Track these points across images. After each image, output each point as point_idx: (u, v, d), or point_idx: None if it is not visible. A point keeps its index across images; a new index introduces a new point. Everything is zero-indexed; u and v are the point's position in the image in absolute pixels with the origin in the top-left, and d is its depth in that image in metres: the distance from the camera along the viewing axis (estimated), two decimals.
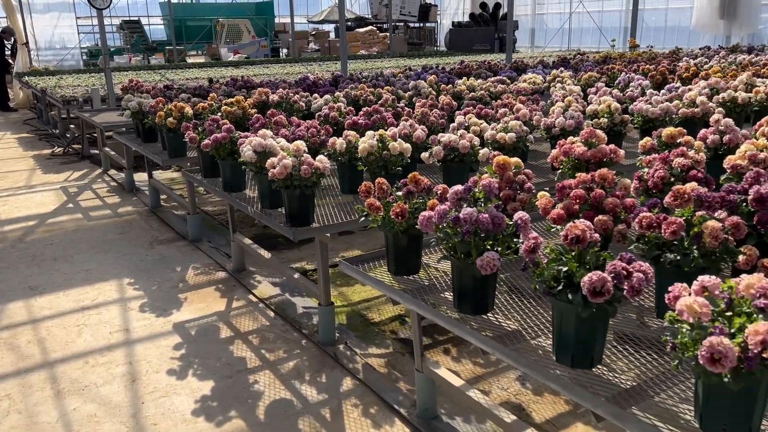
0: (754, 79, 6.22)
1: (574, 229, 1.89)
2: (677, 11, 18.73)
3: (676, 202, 2.15)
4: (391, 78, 8.57)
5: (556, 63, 10.92)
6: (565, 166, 3.17)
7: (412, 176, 2.68)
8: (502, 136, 4.15)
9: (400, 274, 2.73)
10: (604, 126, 4.68)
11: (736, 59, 9.27)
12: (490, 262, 2.11)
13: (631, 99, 5.85)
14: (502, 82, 7.37)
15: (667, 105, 4.89)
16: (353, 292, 4.52)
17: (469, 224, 2.18)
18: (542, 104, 5.63)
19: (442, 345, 3.72)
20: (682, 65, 8.60)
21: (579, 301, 1.82)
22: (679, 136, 3.37)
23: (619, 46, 17.62)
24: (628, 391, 1.80)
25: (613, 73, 8.07)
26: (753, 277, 1.51)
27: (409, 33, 28.26)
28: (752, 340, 1.40)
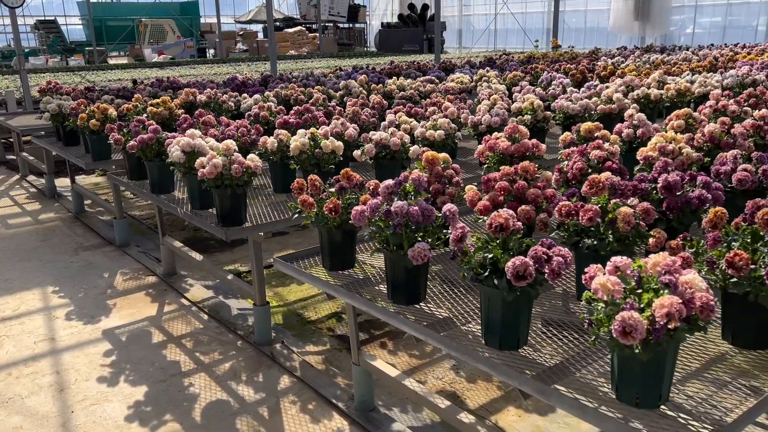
0: (666, 77, 6.61)
1: (498, 218, 1.98)
2: (596, 13, 19.56)
3: (592, 191, 2.29)
4: (322, 78, 8.58)
5: (483, 63, 11.21)
6: (491, 160, 3.28)
7: (345, 172, 2.73)
8: (431, 133, 4.25)
9: (335, 270, 2.77)
10: (528, 122, 4.86)
11: (650, 58, 9.79)
12: (420, 252, 2.18)
13: (553, 97, 6.08)
14: (431, 81, 7.52)
15: (586, 102, 5.14)
16: (289, 292, 4.52)
17: (400, 217, 2.24)
18: (469, 103, 5.78)
19: (378, 339, 3.78)
20: (600, 64, 9.01)
21: (504, 285, 1.92)
22: (596, 130, 3.56)
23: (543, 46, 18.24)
24: (551, 368, 1.91)
25: (537, 72, 8.37)
26: (659, 256, 1.64)
27: (339, 33, 28.28)
28: (658, 312, 1.52)
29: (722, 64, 8.43)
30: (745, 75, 6.75)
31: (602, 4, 19.27)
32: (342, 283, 2.65)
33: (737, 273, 1.80)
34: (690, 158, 3.14)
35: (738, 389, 1.77)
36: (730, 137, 3.48)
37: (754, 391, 1.75)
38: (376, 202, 2.32)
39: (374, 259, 2.92)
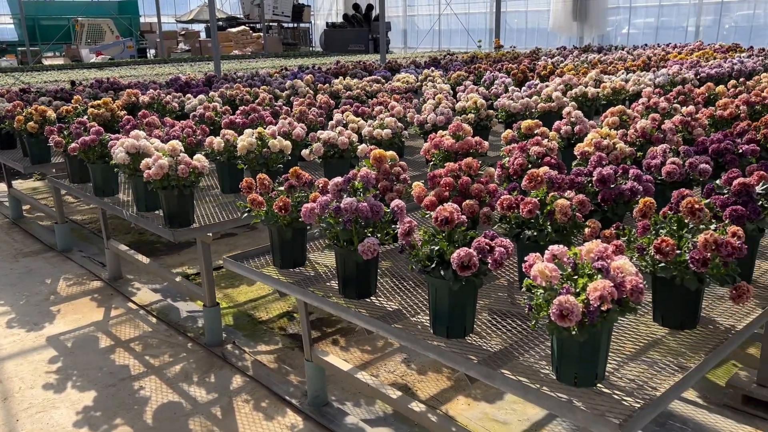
0: (602, 75, 6.88)
1: (443, 212, 2.07)
2: (536, 14, 20.06)
3: (531, 185, 2.40)
4: (268, 78, 8.54)
5: (428, 63, 11.37)
6: (437, 157, 3.38)
7: (294, 171, 2.76)
8: (378, 132, 4.32)
9: (286, 267, 2.80)
10: (472, 121, 4.99)
11: (588, 58, 10.15)
12: (370, 247, 2.24)
13: (495, 96, 6.25)
14: (377, 81, 7.60)
15: (526, 100, 5.31)
16: (239, 293, 4.51)
17: (350, 213, 2.30)
18: (415, 102, 5.88)
19: (330, 336, 3.83)
20: (541, 64, 9.28)
21: (450, 275, 2.00)
22: (535, 127, 3.70)
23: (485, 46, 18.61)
24: (496, 354, 2.00)
25: (480, 72, 8.56)
26: (592, 243, 1.75)
27: (284, 33, 28.08)
28: (592, 296, 1.62)
29: (655, 64, 8.82)
30: (676, 74, 7.09)
31: (542, 5, 19.79)
32: (293, 280, 2.69)
33: (664, 258, 1.93)
34: (623, 153, 3.32)
35: (667, 366, 1.90)
36: (660, 132, 3.68)
37: (681, 368, 1.89)
38: (326, 200, 2.37)
39: (325, 256, 2.97)
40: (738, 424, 2.86)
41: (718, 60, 8.77)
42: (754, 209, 2.29)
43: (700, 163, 3.00)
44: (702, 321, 2.16)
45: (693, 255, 1.90)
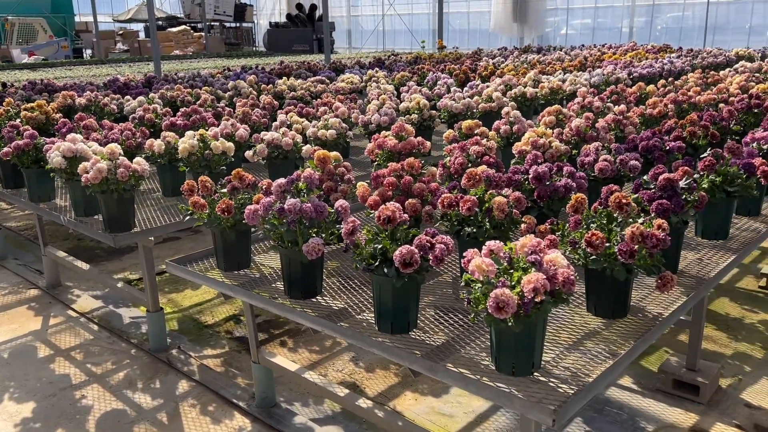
0: (540, 76, 7.09)
1: (385, 211, 2.11)
2: (478, 15, 20.41)
3: (470, 183, 2.47)
4: (210, 79, 8.43)
5: (372, 64, 11.43)
6: (380, 158, 3.43)
7: (236, 173, 2.76)
8: (323, 132, 4.34)
9: (230, 270, 2.79)
10: (415, 121, 5.07)
11: (527, 58, 10.41)
12: (315, 247, 2.26)
13: (438, 96, 6.36)
14: (322, 82, 7.60)
15: (468, 101, 5.42)
16: (184, 298, 4.45)
17: (294, 214, 2.32)
18: (360, 103, 5.93)
19: (278, 338, 3.83)
20: (482, 64, 9.48)
21: (393, 273, 2.05)
22: (475, 127, 3.80)
23: (429, 47, 18.81)
24: (439, 348, 2.06)
25: (423, 72, 8.67)
26: (526, 238, 1.83)
27: (226, 33, 27.66)
28: (526, 288, 1.70)
29: (591, 64, 9.14)
30: (610, 74, 7.37)
31: (483, 6, 20.14)
32: (238, 282, 2.68)
33: (595, 251, 2.03)
34: (559, 151, 3.44)
35: (599, 354, 2.00)
36: (593, 131, 3.83)
37: (612, 355, 1.99)
38: (269, 201, 2.38)
39: (270, 258, 2.97)
40: (669, 407, 3.02)
41: (649, 60, 9.15)
42: (678, 203, 2.42)
43: (630, 160, 3.15)
44: (632, 310, 2.28)
45: (621, 247, 2.00)
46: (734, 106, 4.32)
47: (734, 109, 4.24)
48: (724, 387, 3.23)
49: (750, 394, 3.20)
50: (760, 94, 4.73)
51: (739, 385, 3.26)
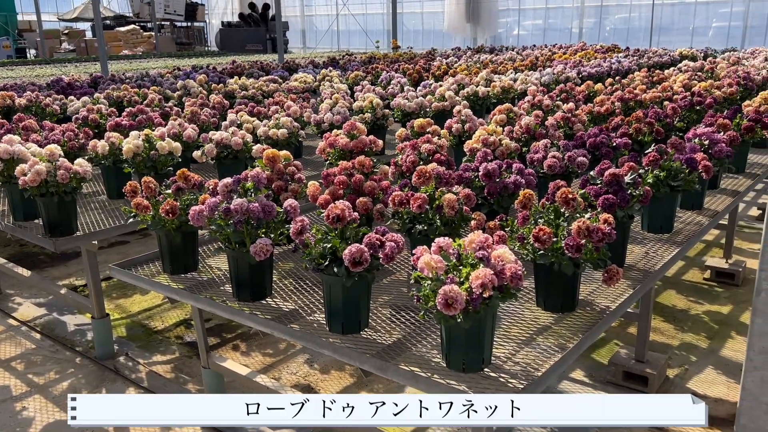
0: (492, 75, 7.16)
1: (335, 210, 2.08)
2: (431, 15, 20.54)
3: (420, 181, 2.46)
4: (159, 78, 8.22)
5: (326, 63, 11.36)
6: (332, 156, 3.39)
7: (181, 173, 2.68)
8: (274, 132, 4.28)
9: (177, 273, 2.71)
10: (368, 120, 5.05)
11: (480, 58, 10.51)
12: (263, 248, 2.22)
13: (392, 95, 6.34)
14: (274, 81, 7.51)
15: (421, 100, 5.43)
16: (132, 303, 4.32)
17: (240, 214, 2.26)
18: (313, 102, 5.87)
19: (230, 342, 3.75)
20: (435, 64, 9.53)
21: (342, 272, 2.02)
22: (427, 126, 3.80)
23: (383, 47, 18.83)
24: (390, 346, 2.04)
25: (377, 72, 8.66)
26: (474, 234, 1.83)
27: (177, 32, 27.12)
28: (474, 284, 1.69)
29: (542, 63, 9.28)
30: (560, 73, 7.50)
31: (437, 6, 20.27)
32: (185, 286, 2.61)
33: (542, 246, 2.04)
34: (509, 148, 3.47)
35: (548, 348, 2.01)
36: (543, 128, 3.88)
37: (561, 348, 2.00)
38: (215, 201, 2.32)
39: (218, 260, 2.90)
40: None
41: (598, 60, 9.35)
42: (623, 197, 2.46)
43: (578, 156, 3.20)
44: (581, 304, 2.30)
45: (568, 242, 2.02)
46: (678, 104, 4.44)
47: (677, 107, 4.36)
48: (671, 377, 3.31)
49: (696, 383, 3.28)
50: (702, 92, 4.87)
51: (685, 374, 3.35)
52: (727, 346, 3.65)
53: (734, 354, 3.56)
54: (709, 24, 15.10)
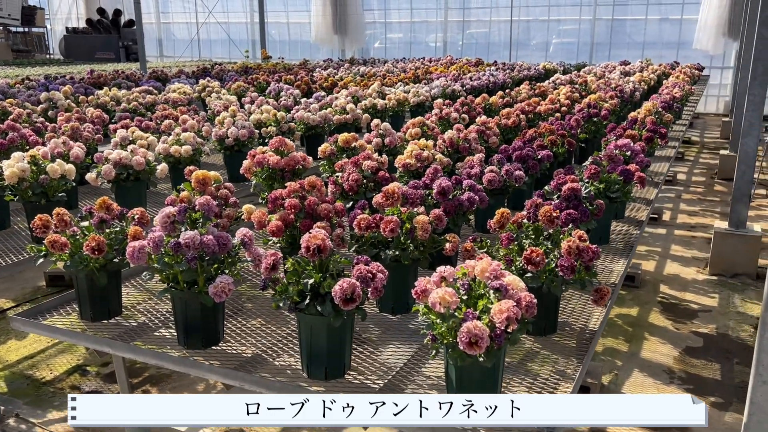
0: (384, 88, 7.11)
1: (315, 240, 1.84)
2: (298, 26, 20.28)
3: (389, 202, 2.28)
4: (9, 90, 7.27)
5: (197, 73, 10.76)
6: (259, 176, 3.10)
7: (102, 201, 2.29)
8: (177, 149, 3.87)
9: (99, 319, 2.30)
10: (273, 134, 4.76)
11: (360, 70, 10.48)
12: (224, 287, 1.92)
13: (285, 107, 6.06)
14: (149, 92, 6.91)
15: (324, 112, 5.22)
16: (8, 351, 3.70)
17: (193, 249, 1.95)
18: (203, 114, 5.44)
19: (140, 387, 3.32)
20: (319, 75, 9.34)
21: (329, 310, 1.79)
22: (353, 140, 3.61)
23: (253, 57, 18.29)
24: (383, 390, 1.84)
25: (260, 83, 8.31)
26: (484, 263, 1.68)
27: (12, 38, 24.51)
28: (498, 318, 1.55)
29: (422, 76, 9.42)
30: (446, 86, 7.63)
31: (303, 17, 20.06)
32: (113, 335, 2.21)
33: (536, 268, 1.95)
34: (443, 163, 3.39)
35: (550, 377, 1.92)
36: (465, 142, 3.85)
37: (562, 376, 1.92)
38: (160, 235, 1.98)
39: (142, 299, 2.52)
40: None
41: (472, 73, 9.67)
42: (584, 212, 2.45)
43: (515, 171, 3.18)
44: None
45: (562, 263, 1.94)
46: (578, 116, 4.63)
47: (580, 118, 4.54)
48: (606, 384, 3.39)
49: (628, 387, 3.39)
50: (597, 104, 5.14)
51: (617, 380, 3.45)
52: (645, 348, 3.82)
53: (653, 356, 3.73)
54: (561, 39, 16.28)
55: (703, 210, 6.72)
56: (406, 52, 18.35)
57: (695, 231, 6.02)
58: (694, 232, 6.00)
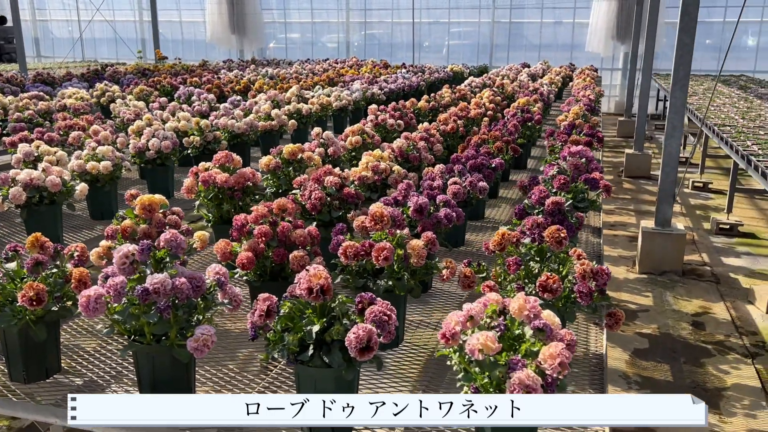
0: (303, 91, 6.81)
1: (317, 279, 1.58)
2: (191, 25, 19.36)
3: (378, 226, 2.05)
4: None
5: (88, 75, 9.93)
6: (204, 196, 2.76)
7: (35, 239, 1.89)
8: (93, 165, 3.41)
9: (35, 380, 1.91)
10: (198, 145, 4.37)
11: (268, 72, 10.06)
12: (207, 340, 1.61)
13: (200, 113, 5.63)
14: (41, 98, 6.21)
15: (250, 119, 4.87)
16: None
17: (164, 296, 1.62)
18: (111, 123, 4.92)
19: None
20: (225, 78, 8.86)
21: (339, 362, 1.54)
22: (298, 152, 3.34)
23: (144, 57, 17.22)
24: None
25: (163, 86, 7.74)
26: (520, 300, 1.50)
27: None
28: (551, 364, 1.38)
29: (337, 78, 9.18)
30: (366, 89, 7.45)
31: (196, 16, 19.18)
32: (57, 399, 1.84)
33: (552, 295, 1.79)
34: (400, 175, 3.19)
35: None
36: (415, 151, 3.68)
37: None
38: (122, 281, 1.63)
39: (82, 345, 2.14)
40: None
41: (385, 75, 9.55)
42: (569, 227, 2.34)
43: (478, 182, 3.05)
44: None
45: (579, 288, 1.81)
46: (514, 121, 4.59)
47: (517, 123, 4.51)
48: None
49: None
50: (530, 109, 5.14)
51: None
52: None
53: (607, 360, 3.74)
54: (462, 41, 16.59)
55: (619, 208, 6.97)
56: (306, 52, 18.03)
57: (616, 229, 6.21)
58: (615, 230, 6.18)
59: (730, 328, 4.17)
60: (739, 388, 3.48)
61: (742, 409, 3.30)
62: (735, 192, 6.43)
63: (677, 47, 4.72)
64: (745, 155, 4.67)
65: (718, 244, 5.82)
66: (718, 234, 6.03)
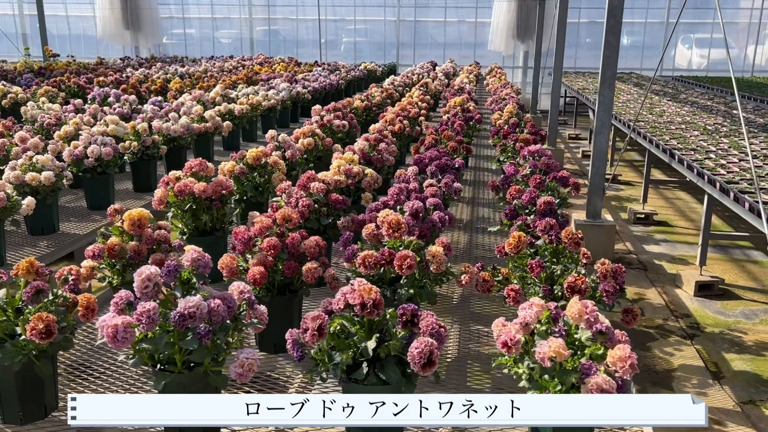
0: (228, 90, 6.57)
1: (366, 294, 1.52)
2: (79, 19, 18.13)
3: (396, 234, 2.01)
4: None
5: None
6: (179, 207, 2.59)
7: (28, 264, 1.69)
8: (34, 176, 3.10)
9: (32, 420, 1.71)
10: (136, 150, 4.09)
11: (177, 70, 9.61)
12: (251, 365, 1.51)
13: (122, 116, 5.27)
14: None
15: (186, 121, 4.62)
16: None
17: (200, 319, 1.50)
18: (28, 129, 4.49)
19: None
20: (133, 77, 8.37)
21: (397, 379, 1.49)
22: (263, 156, 3.21)
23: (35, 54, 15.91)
24: None
25: (71, 88, 7.20)
26: (579, 305, 1.52)
27: None
28: (621, 366, 1.41)
29: (253, 77, 8.93)
30: (291, 88, 7.30)
31: (85, 10, 17.98)
32: None
33: (581, 296, 1.83)
34: (373, 178, 3.15)
35: None
36: (377, 153, 3.65)
37: None
38: (154, 307, 1.49)
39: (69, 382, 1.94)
40: None
41: (305, 74, 9.41)
42: (562, 224, 2.41)
43: (453, 183, 3.07)
44: None
45: (605, 287, 1.86)
46: (458, 121, 4.66)
47: (462, 123, 4.58)
48: None
49: None
50: (469, 108, 5.24)
51: None
52: None
53: None
54: (368, 40, 16.66)
55: None
56: (205, 48, 17.44)
57: None
58: None
59: (666, 312, 4.47)
60: (685, 369, 3.74)
61: (693, 388, 3.55)
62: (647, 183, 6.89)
63: (604, 47, 4.97)
64: (667, 149, 5.02)
65: (637, 233, 6.21)
66: (636, 223, 6.44)
